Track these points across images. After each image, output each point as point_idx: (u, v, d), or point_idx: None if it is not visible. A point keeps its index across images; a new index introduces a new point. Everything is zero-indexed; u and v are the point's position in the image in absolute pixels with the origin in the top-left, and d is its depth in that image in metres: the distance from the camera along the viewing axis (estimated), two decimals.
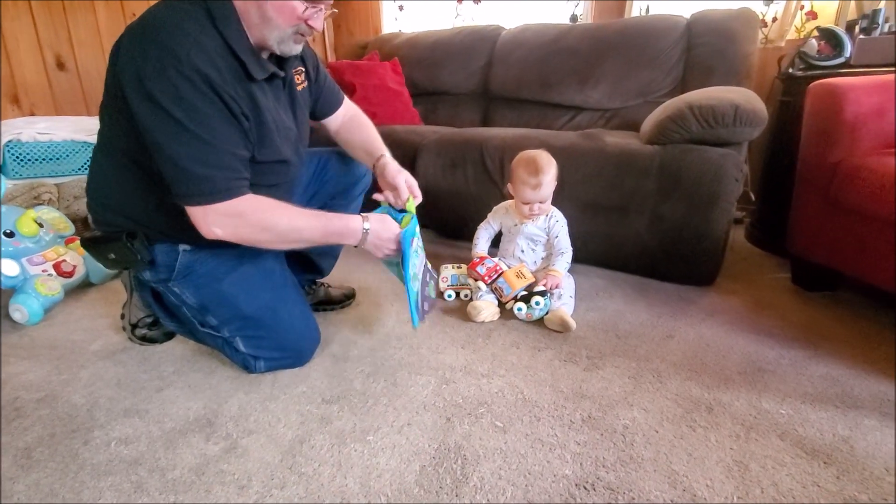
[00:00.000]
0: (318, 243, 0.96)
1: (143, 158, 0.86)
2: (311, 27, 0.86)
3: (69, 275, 1.39)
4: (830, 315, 1.27)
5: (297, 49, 0.90)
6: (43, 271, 1.33)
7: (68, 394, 0.96)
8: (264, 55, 0.89)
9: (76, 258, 1.42)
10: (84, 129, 1.77)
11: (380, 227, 0.97)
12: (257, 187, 0.88)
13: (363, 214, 0.97)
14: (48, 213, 1.49)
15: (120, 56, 0.79)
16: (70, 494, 0.73)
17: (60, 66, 2.04)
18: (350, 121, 1.20)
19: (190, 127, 0.77)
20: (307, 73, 1.06)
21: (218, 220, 0.84)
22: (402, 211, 1.06)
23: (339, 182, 1.21)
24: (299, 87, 1.02)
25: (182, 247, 0.96)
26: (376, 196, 1.10)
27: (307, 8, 0.83)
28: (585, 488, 0.73)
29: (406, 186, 1.06)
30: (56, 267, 1.37)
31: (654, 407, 0.91)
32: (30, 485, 0.75)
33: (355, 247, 0.97)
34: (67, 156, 1.71)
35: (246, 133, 0.86)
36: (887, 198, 1.06)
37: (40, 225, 1.40)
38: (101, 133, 0.92)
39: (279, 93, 0.96)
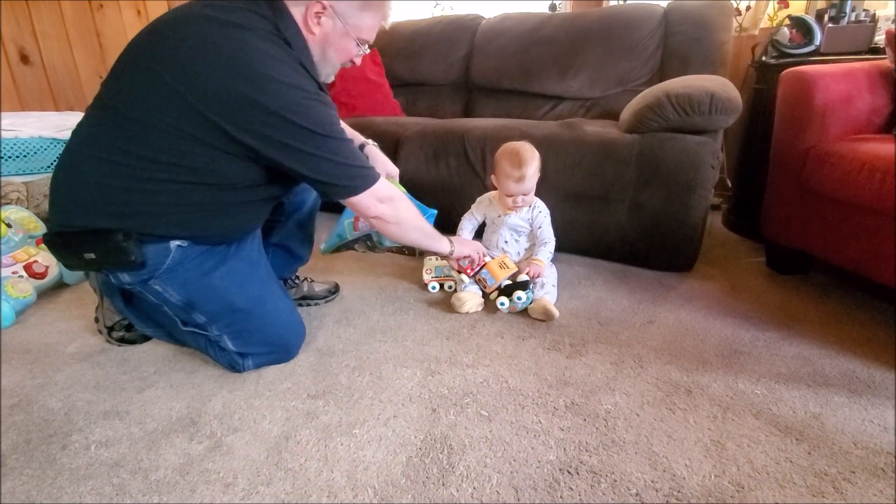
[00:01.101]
0: (421, 244, 1.14)
1: (204, 171, 0.87)
2: (353, 63, 1.00)
3: (41, 276, 1.35)
4: (803, 297, 1.31)
5: (333, 77, 1.03)
6: (13, 273, 1.29)
7: (44, 398, 0.94)
8: None
9: (48, 258, 1.38)
10: (52, 125, 1.71)
11: (463, 248, 1.22)
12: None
13: (451, 238, 1.20)
14: (17, 213, 1.44)
15: (234, 92, 0.79)
16: (48, 501, 0.71)
17: (24, 59, 1.97)
18: None
19: (336, 135, 0.89)
20: None
21: (382, 200, 0.98)
22: None
23: None
24: None
25: (175, 243, 0.92)
26: None
27: (360, 51, 0.98)
28: (569, 472, 0.74)
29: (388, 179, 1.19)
30: (27, 268, 1.33)
31: (635, 391, 0.93)
32: (5, 493, 0.73)
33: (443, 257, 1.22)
34: (35, 153, 1.65)
35: None
36: (855, 183, 1.10)
37: (8, 225, 1.36)
38: (100, 132, 0.86)
39: None
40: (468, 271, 1.29)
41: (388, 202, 1.00)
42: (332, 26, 0.91)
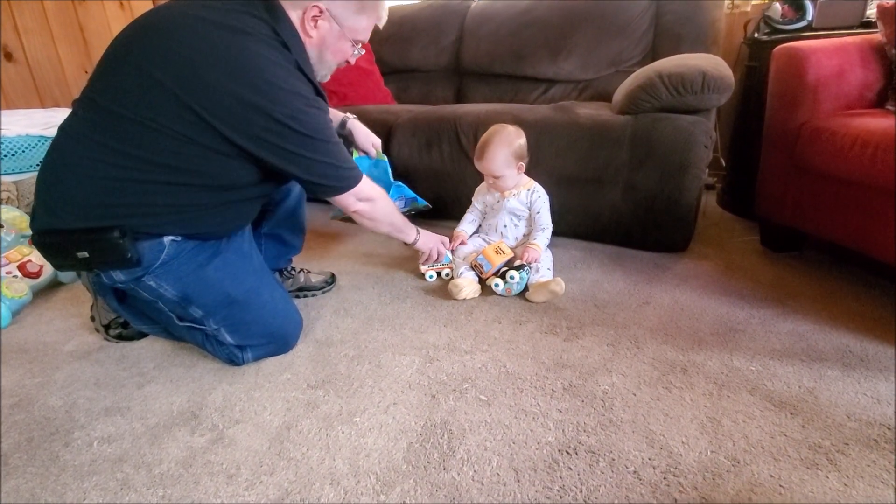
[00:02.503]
0: (389, 233, 1.19)
1: (198, 170, 0.87)
2: (347, 63, 1.02)
3: (36, 275, 1.34)
4: (796, 274, 1.32)
5: (329, 77, 1.04)
6: (7, 273, 1.28)
7: (44, 397, 0.94)
8: None
9: (42, 258, 1.37)
10: (39, 122, 1.69)
11: (427, 239, 1.27)
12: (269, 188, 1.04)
13: (418, 229, 1.26)
14: (7, 213, 1.42)
15: (229, 93, 0.80)
16: (53, 497, 0.72)
17: (8, 56, 1.93)
18: None
19: (329, 139, 0.93)
20: None
21: (362, 199, 1.04)
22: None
23: None
24: None
25: (169, 238, 0.92)
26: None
27: (355, 51, 1.00)
28: (568, 453, 0.75)
29: (374, 149, 1.34)
30: (21, 268, 1.32)
31: (631, 371, 0.94)
32: (9, 491, 0.73)
33: (407, 244, 1.26)
34: (23, 151, 1.63)
35: None
36: (847, 158, 1.10)
37: (0, 225, 1.35)
38: (100, 134, 0.83)
39: None
40: (482, 271, 1.27)
41: (367, 201, 1.05)
42: (328, 29, 0.93)
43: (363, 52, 1.03)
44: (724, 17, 1.83)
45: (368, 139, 1.30)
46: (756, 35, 1.70)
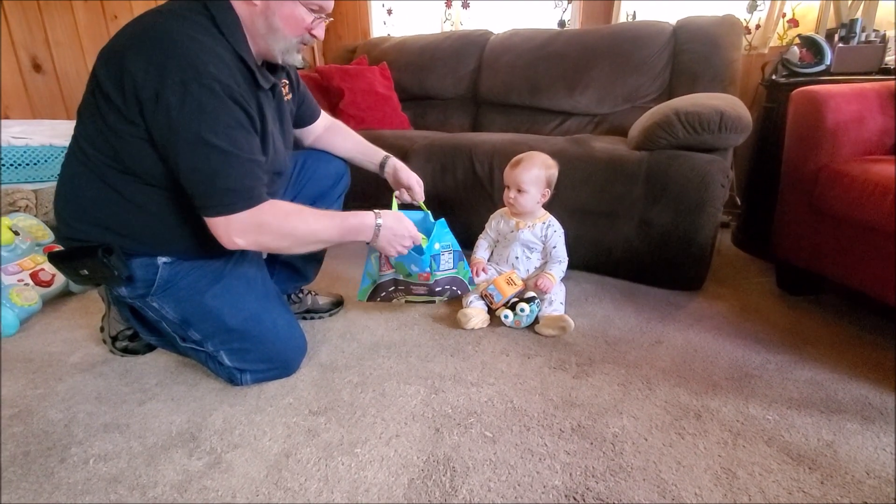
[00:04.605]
0: (334, 243, 0.96)
1: (135, 168, 0.84)
2: (314, 36, 0.89)
3: (47, 284, 1.35)
4: (814, 319, 1.28)
5: (299, 58, 0.92)
6: (19, 281, 1.29)
7: (44, 409, 0.93)
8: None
9: None
10: (62, 133, 1.73)
11: (394, 224, 0.98)
12: None
13: (376, 211, 0.97)
14: (24, 221, 1.44)
15: (128, 69, 0.75)
16: None
17: (37, 67, 1.99)
18: (334, 127, 1.21)
19: (212, 140, 0.77)
20: (290, 83, 1.06)
21: (241, 230, 0.83)
22: (416, 208, 1.21)
23: (318, 183, 1.19)
24: (286, 98, 1.02)
25: (162, 259, 0.93)
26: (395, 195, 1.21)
27: (314, 18, 0.86)
28: (575, 499, 0.72)
29: (419, 187, 1.20)
30: (33, 276, 1.33)
31: (643, 414, 0.91)
32: None
33: (367, 244, 0.99)
34: (45, 161, 1.67)
35: (260, 140, 0.88)
36: (867, 204, 1.08)
37: (16, 233, 1.36)
38: (78, 140, 0.87)
39: (271, 103, 0.96)
40: (492, 301, 1.26)
41: (252, 231, 0.83)
42: None
43: (325, 18, 0.90)
44: (742, 59, 1.85)
45: (411, 179, 1.18)
46: (774, 77, 1.71)
